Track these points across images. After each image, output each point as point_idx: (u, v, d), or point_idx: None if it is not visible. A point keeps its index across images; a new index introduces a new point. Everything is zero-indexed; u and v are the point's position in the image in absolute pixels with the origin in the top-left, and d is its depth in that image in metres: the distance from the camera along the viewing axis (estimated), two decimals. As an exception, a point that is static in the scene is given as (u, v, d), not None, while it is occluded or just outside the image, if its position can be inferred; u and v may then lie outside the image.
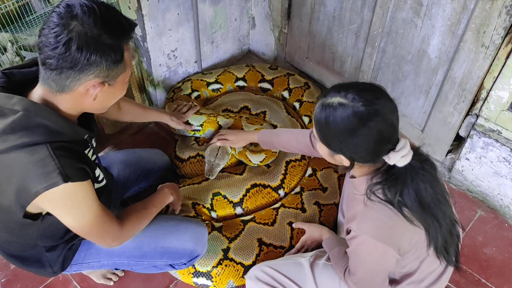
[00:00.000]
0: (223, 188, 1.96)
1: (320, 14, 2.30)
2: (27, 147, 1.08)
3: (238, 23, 2.61)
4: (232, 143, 2.00)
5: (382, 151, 1.20)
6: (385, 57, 2.13)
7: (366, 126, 1.15)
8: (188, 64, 2.45)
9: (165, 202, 1.60)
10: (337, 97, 1.18)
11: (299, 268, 1.59)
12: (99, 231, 1.26)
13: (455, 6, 1.75)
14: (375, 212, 1.23)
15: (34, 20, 2.15)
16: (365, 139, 1.18)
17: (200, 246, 1.60)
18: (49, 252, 1.39)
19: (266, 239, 1.82)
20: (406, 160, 1.18)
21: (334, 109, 1.17)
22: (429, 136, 2.15)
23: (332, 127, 1.19)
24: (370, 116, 1.14)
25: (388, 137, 1.19)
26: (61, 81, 1.10)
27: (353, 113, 1.15)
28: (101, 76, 1.11)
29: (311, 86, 2.41)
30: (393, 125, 1.19)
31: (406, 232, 1.23)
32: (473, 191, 2.13)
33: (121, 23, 1.12)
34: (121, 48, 1.12)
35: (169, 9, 2.13)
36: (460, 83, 1.88)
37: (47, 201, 1.13)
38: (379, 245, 1.23)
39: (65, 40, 1.04)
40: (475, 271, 1.88)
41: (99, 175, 1.35)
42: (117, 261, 1.53)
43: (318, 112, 1.22)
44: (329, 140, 1.24)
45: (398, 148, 1.18)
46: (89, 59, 1.06)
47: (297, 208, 1.93)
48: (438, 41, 1.88)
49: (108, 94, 1.19)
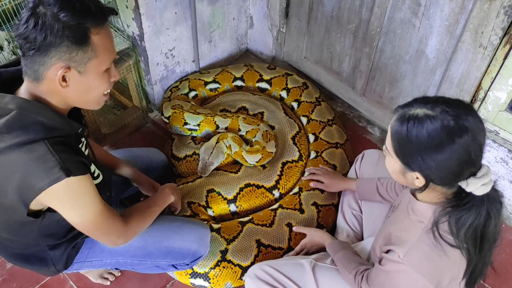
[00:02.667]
0: (217, 185, 1.96)
1: (318, 13, 2.30)
2: (25, 145, 1.08)
3: (236, 22, 2.61)
4: (326, 187, 1.95)
5: (463, 174, 1.10)
6: (383, 57, 2.13)
7: (455, 142, 1.06)
8: (186, 63, 2.45)
9: (167, 202, 1.60)
10: (423, 108, 1.09)
11: (300, 269, 1.58)
12: (104, 228, 1.26)
13: (453, 7, 1.74)
14: (428, 248, 1.16)
15: (30, 19, 2.14)
16: (450, 157, 1.07)
17: (203, 247, 1.60)
18: (52, 250, 1.39)
19: (264, 240, 1.82)
20: (486, 189, 1.09)
21: (420, 121, 1.08)
22: (427, 136, 2.15)
23: (415, 141, 1.09)
24: (461, 131, 1.05)
25: (474, 159, 1.08)
26: (33, 67, 1.10)
27: (442, 127, 1.06)
28: (63, 59, 1.09)
29: (309, 86, 2.40)
30: (481, 147, 1.09)
31: (450, 271, 1.19)
32: (471, 192, 2.13)
33: (86, 4, 1.10)
34: (83, 29, 1.09)
35: (167, 7, 2.12)
36: (458, 84, 1.88)
37: (51, 197, 1.13)
38: (421, 280, 1.18)
39: (25, 19, 1.05)
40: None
41: (94, 171, 1.34)
42: (121, 260, 1.53)
43: (399, 125, 1.12)
44: (408, 156, 1.14)
45: (480, 175, 1.09)
46: (45, 38, 1.05)
47: (295, 209, 1.93)
48: (436, 41, 1.87)
49: (82, 84, 1.15)
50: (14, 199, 1.13)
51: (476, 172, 1.10)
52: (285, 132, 2.18)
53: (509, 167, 1.91)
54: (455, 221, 1.13)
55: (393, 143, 1.15)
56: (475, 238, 1.13)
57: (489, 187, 1.10)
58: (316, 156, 2.12)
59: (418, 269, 1.18)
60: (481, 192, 1.09)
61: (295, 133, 2.18)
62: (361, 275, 1.40)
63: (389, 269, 1.24)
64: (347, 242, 1.64)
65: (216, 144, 2.01)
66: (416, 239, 1.18)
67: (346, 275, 1.46)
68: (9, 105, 1.10)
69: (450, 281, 1.22)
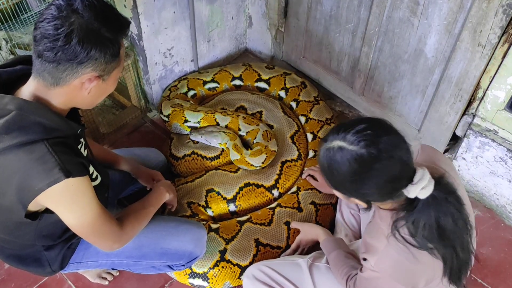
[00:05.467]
0: (216, 184, 1.96)
1: (317, 13, 2.29)
2: (24, 146, 1.08)
3: (235, 21, 2.60)
4: (318, 186, 1.95)
5: (397, 188, 1.12)
6: (381, 57, 2.13)
7: (371, 169, 1.08)
8: (185, 62, 2.44)
9: (162, 200, 1.59)
10: (336, 140, 1.11)
11: (297, 269, 1.58)
12: (100, 231, 1.25)
13: (452, 5, 1.74)
14: (396, 253, 1.17)
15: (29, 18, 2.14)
16: (373, 183, 1.10)
17: (199, 247, 1.60)
18: (48, 251, 1.38)
19: (263, 240, 1.82)
20: (428, 191, 1.10)
21: (335, 154, 1.10)
22: (426, 135, 2.15)
23: (336, 174, 1.12)
24: (373, 158, 1.06)
25: (399, 175, 1.10)
26: (57, 73, 1.10)
27: (354, 158, 1.07)
28: (98, 70, 1.12)
29: (308, 85, 2.40)
30: (402, 161, 1.09)
31: (424, 272, 1.20)
32: (470, 191, 2.13)
33: (119, 19, 1.15)
34: (119, 42, 1.15)
35: (165, 7, 2.11)
36: (457, 83, 1.88)
37: (50, 198, 1.12)
38: (396, 285, 1.19)
39: (66, 33, 1.05)
40: (471, 271, 1.88)
41: (93, 172, 1.34)
42: (116, 261, 1.52)
43: (321, 157, 1.15)
44: (337, 186, 1.18)
45: (416, 180, 1.10)
46: (89, 52, 1.08)
47: (293, 208, 1.92)
48: (434, 40, 1.87)
49: (100, 89, 1.20)
50: (13, 201, 1.13)
51: (411, 180, 1.10)
52: (284, 131, 2.17)
53: (508, 166, 1.91)
54: (411, 225, 1.14)
55: (324, 177, 1.19)
56: (436, 237, 1.14)
57: (430, 189, 1.11)
58: (315, 155, 2.12)
59: (390, 276, 1.19)
60: (425, 195, 1.11)
61: (293, 132, 2.18)
62: (352, 280, 1.40)
63: (367, 276, 1.27)
64: (341, 239, 1.64)
65: (222, 133, 2.01)
66: (384, 246, 1.19)
67: (338, 278, 1.47)
68: (8, 106, 1.10)
69: (427, 283, 1.22)
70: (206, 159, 2.07)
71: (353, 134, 1.08)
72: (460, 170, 2.10)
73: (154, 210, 1.51)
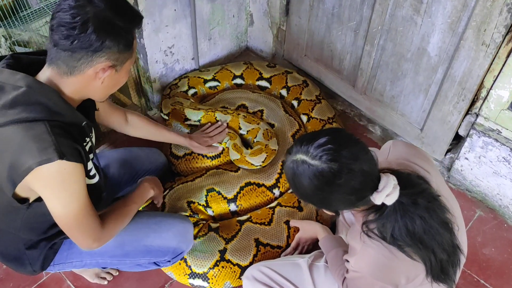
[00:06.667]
0: (217, 184, 1.94)
1: (319, 11, 2.27)
2: (24, 123, 1.09)
3: (236, 19, 2.58)
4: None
5: (361, 197, 1.14)
6: (384, 55, 2.11)
7: (332, 184, 1.09)
8: (185, 61, 2.43)
9: (146, 197, 1.57)
10: (299, 153, 1.12)
11: (297, 269, 1.57)
12: (83, 225, 1.23)
13: (456, 4, 1.72)
14: (372, 251, 1.19)
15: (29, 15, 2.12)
16: (336, 196, 1.12)
17: (184, 243, 1.58)
18: (30, 250, 1.37)
19: (263, 239, 1.80)
20: (393, 198, 1.13)
21: (297, 167, 1.11)
22: (428, 135, 2.13)
23: (300, 188, 1.14)
24: (334, 174, 1.07)
25: (362, 186, 1.12)
26: (72, 62, 1.12)
27: (314, 174, 1.09)
28: (112, 59, 1.14)
29: (309, 84, 2.38)
30: (363, 172, 1.10)
31: (403, 268, 1.20)
32: (472, 191, 2.11)
33: (133, 10, 1.18)
34: (132, 33, 1.17)
35: (166, 4, 2.10)
36: (460, 82, 1.86)
37: (38, 179, 1.11)
38: (377, 283, 1.21)
39: (82, 21, 1.07)
40: (474, 271, 1.87)
41: (91, 169, 1.33)
42: (100, 261, 1.51)
43: (286, 169, 1.17)
44: (304, 198, 1.20)
45: (381, 188, 1.12)
46: (104, 41, 1.10)
47: (293, 207, 1.91)
48: (438, 39, 1.85)
49: (113, 80, 1.21)
50: (3, 178, 1.13)
51: (376, 188, 1.12)
52: (285, 130, 2.16)
53: (511, 166, 1.89)
54: (381, 227, 1.16)
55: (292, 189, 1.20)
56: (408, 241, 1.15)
57: (396, 196, 1.12)
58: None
59: (369, 273, 1.21)
60: (390, 201, 1.13)
61: (295, 131, 2.16)
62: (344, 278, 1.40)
63: (350, 277, 1.30)
64: (340, 238, 1.64)
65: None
66: (361, 246, 1.21)
67: (336, 278, 1.47)
68: (18, 83, 1.12)
69: (409, 280, 1.22)
70: (207, 158, 2.05)
71: (315, 148, 1.10)
72: (463, 170, 2.08)
73: (137, 208, 1.50)
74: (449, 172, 2.15)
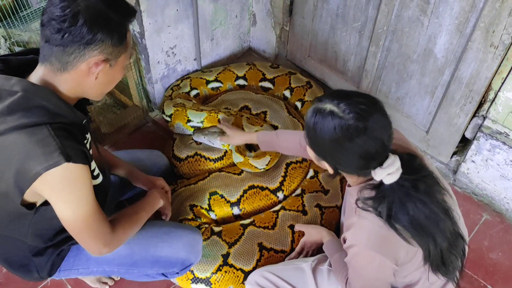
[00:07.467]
0: (220, 187, 1.91)
1: (323, 11, 2.24)
2: (26, 128, 1.07)
3: (238, 20, 2.55)
4: (228, 139, 1.92)
5: (367, 167, 1.16)
6: (389, 56, 2.08)
7: (352, 141, 1.11)
8: (187, 61, 2.40)
9: (156, 206, 1.54)
10: (329, 104, 1.13)
11: (300, 273, 1.55)
12: (92, 229, 1.21)
13: (464, 5, 1.69)
14: (369, 222, 1.19)
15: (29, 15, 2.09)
16: (349, 153, 1.14)
17: (193, 254, 1.54)
18: (37, 257, 1.34)
19: (266, 244, 1.77)
20: (393, 178, 1.14)
21: (324, 116, 1.13)
22: (434, 137, 2.10)
23: (319, 134, 1.16)
24: (358, 132, 1.10)
25: (375, 155, 1.14)
26: (65, 57, 1.09)
27: (341, 125, 1.11)
28: (105, 53, 1.12)
29: (313, 86, 2.35)
30: (382, 143, 1.13)
31: (403, 242, 1.18)
32: (479, 194, 2.08)
33: (125, 3, 1.16)
34: (125, 26, 1.16)
35: (168, 4, 2.07)
36: (468, 84, 1.83)
37: (46, 184, 1.09)
38: (375, 256, 1.19)
39: (72, 13, 1.05)
40: (480, 276, 1.84)
41: (95, 169, 1.30)
42: (107, 269, 1.48)
43: (309, 116, 1.18)
44: (315, 145, 1.22)
45: (385, 166, 1.13)
46: (95, 33, 1.08)
47: (298, 211, 1.88)
48: (445, 40, 1.82)
49: (108, 76, 1.19)
50: (10, 185, 1.10)
51: (381, 163, 1.14)
52: (289, 133, 2.13)
53: (519, 169, 1.86)
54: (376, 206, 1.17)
55: (305, 132, 1.22)
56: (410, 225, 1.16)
57: (396, 176, 1.13)
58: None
59: (367, 245, 1.19)
60: (389, 181, 1.14)
61: (299, 133, 2.13)
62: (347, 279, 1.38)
63: (348, 258, 1.28)
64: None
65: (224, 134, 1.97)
66: (357, 219, 1.22)
67: (339, 281, 1.45)
68: (14, 87, 1.09)
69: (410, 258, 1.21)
70: (210, 161, 2.02)
71: (347, 104, 1.11)
72: (469, 173, 2.05)
73: (147, 216, 1.46)
74: (455, 175, 2.12)
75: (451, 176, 2.14)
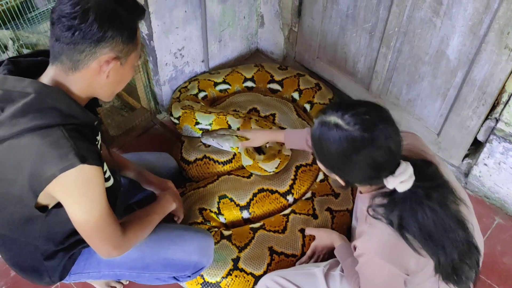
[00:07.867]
0: (229, 191, 1.89)
1: (332, 12, 2.22)
2: (39, 130, 1.06)
3: (246, 21, 2.53)
4: (251, 143, 1.90)
5: (378, 176, 1.15)
6: (400, 58, 2.05)
7: (359, 153, 1.10)
8: (195, 63, 2.38)
9: (168, 209, 1.52)
10: (334, 116, 1.12)
11: (312, 278, 1.53)
12: (104, 232, 1.20)
13: (477, 6, 1.67)
14: (379, 231, 1.18)
15: (36, 17, 2.08)
16: (358, 165, 1.13)
17: (206, 257, 1.53)
18: (48, 261, 1.33)
19: (277, 248, 1.75)
20: (406, 186, 1.12)
21: (329, 129, 1.12)
22: (446, 140, 2.07)
23: (325, 148, 1.15)
24: (364, 143, 1.09)
25: (384, 164, 1.13)
26: (75, 55, 1.09)
27: (347, 138, 1.09)
28: (115, 51, 1.12)
29: (322, 87, 2.33)
30: (391, 151, 1.11)
31: (412, 253, 1.16)
32: (491, 198, 2.05)
33: (134, 1, 1.16)
34: (135, 24, 1.15)
35: (177, 6, 2.05)
36: (481, 86, 1.80)
37: (61, 186, 1.08)
38: (384, 265, 1.17)
39: (83, 10, 1.05)
40: (494, 281, 1.81)
41: (106, 171, 1.29)
42: (118, 272, 1.46)
43: (314, 129, 1.17)
44: (323, 159, 1.20)
45: (397, 173, 1.12)
46: (106, 31, 1.07)
47: (308, 214, 1.86)
48: (458, 41, 1.80)
49: (118, 74, 1.18)
50: (24, 188, 1.09)
51: (393, 172, 1.12)
52: (298, 135, 2.10)
53: (533, 173, 1.83)
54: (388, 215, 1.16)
55: (312, 145, 1.21)
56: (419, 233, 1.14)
57: (409, 184, 1.12)
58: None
59: (377, 254, 1.18)
60: (402, 189, 1.13)
61: (308, 136, 2.11)
62: None
63: (359, 267, 1.27)
64: None
65: (234, 137, 1.95)
66: (368, 227, 1.21)
67: (351, 286, 1.43)
68: (26, 89, 1.08)
69: (420, 266, 1.19)
70: (218, 164, 2.00)
71: (351, 115, 1.10)
72: (481, 176, 2.02)
73: (159, 219, 1.45)
74: (467, 178, 2.09)
75: (463, 179, 2.11)
